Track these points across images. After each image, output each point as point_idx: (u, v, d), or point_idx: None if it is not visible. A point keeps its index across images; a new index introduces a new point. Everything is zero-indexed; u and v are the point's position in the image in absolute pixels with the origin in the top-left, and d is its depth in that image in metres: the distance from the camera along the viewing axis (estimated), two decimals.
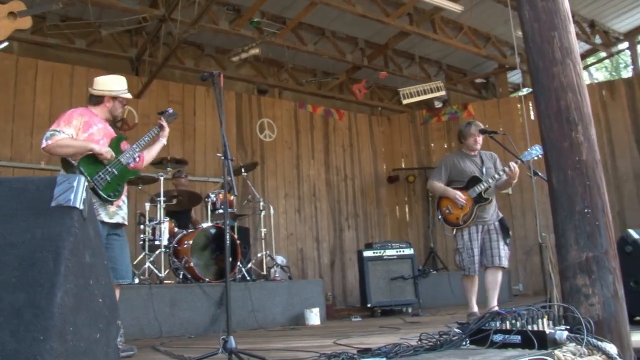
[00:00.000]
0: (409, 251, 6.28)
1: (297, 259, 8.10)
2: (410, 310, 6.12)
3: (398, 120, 9.53)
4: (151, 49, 7.20)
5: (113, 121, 3.66)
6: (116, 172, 3.40)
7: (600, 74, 16.33)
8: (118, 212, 3.41)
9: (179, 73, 7.93)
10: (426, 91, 7.76)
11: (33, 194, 1.33)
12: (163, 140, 3.72)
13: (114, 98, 3.53)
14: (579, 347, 2.37)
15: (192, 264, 5.14)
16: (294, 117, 8.60)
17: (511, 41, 8.44)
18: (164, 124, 3.73)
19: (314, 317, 5.34)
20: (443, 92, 7.95)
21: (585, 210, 2.70)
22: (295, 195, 8.31)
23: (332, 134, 8.94)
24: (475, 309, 4.32)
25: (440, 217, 4.36)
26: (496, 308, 3.86)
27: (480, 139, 4.45)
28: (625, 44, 9.08)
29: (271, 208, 6.12)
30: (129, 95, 3.60)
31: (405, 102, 7.66)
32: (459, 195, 4.27)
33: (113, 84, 3.55)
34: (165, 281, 5.17)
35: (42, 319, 1.15)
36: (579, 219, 2.71)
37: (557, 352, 2.30)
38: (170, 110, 3.86)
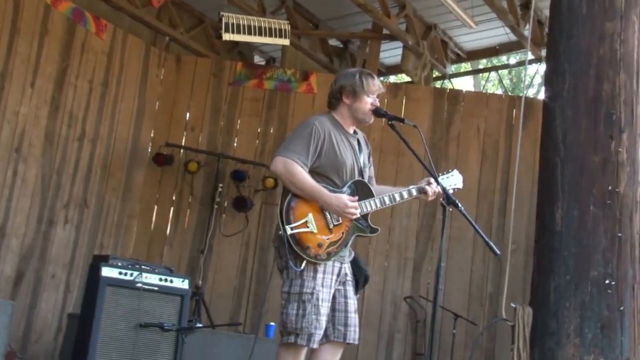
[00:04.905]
0: (181, 284, 5.95)
1: None
2: None
3: (194, 66, 8.78)
4: None
5: None
6: None
7: None
8: None
9: None
10: (263, 30, 7.41)
11: None
12: None
13: None
14: None
15: None
16: (13, 6, 7.18)
17: None
18: None
19: None
20: (287, 42, 7.65)
21: (607, 281, 2.50)
22: None
23: (77, 53, 7.75)
24: None
25: (289, 232, 3.86)
26: None
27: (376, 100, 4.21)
28: None
29: None
30: None
31: (227, 37, 7.26)
32: (350, 207, 3.93)
33: None
34: None
35: None
36: (592, 292, 2.47)
37: None
38: None
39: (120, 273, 5.70)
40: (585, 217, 2.65)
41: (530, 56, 9.70)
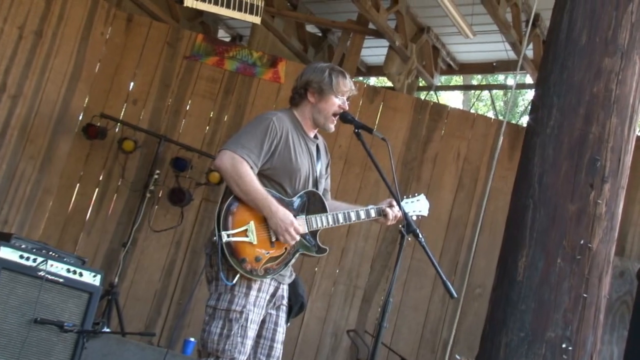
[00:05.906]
0: (92, 279, 5.83)
1: None
2: None
3: (147, 30, 8.56)
4: None
5: None
6: None
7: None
8: None
9: None
10: (232, 3, 7.24)
11: None
12: None
13: None
14: None
15: None
16: None
17: None
18: None
19: None
20: (258, 20, 7.51)
21: (564, 345, 2.58)
22: None
23: None
24: None
25: (225, 239, 3.81)
26: None
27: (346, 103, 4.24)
28: None
29: None
30: None
31: (189, 3, 7.07)
32: (295, 229, 3.89)
33: None
34: None
35: None
36: (546, 355, 2.53)
37: None
38: None
39: (21, 257, 5.53)
40: (551, 271, 2.55)
41: (529, 80, 9.50)
